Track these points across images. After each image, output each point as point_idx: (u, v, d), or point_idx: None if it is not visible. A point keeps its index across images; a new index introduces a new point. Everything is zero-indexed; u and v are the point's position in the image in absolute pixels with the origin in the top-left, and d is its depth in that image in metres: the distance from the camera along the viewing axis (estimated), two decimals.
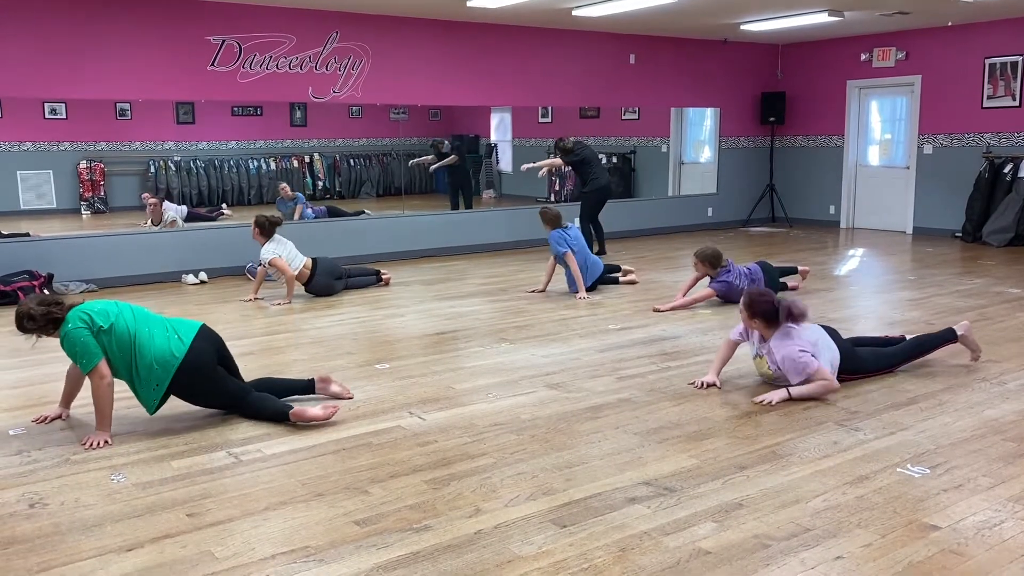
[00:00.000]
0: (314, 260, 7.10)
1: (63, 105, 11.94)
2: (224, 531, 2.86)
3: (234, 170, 13.26)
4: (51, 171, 11.66)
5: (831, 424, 3.85)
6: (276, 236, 6.95)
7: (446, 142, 11.22)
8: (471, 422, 3.94)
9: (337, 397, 4.25)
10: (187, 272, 8.10)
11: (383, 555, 2.67)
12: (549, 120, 12.96)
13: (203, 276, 8.08)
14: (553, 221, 7.04)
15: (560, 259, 7.00)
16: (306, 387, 4.25)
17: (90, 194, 12.11)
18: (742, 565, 2.58)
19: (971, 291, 7.07)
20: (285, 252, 6.89)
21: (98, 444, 3.67)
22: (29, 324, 3.72)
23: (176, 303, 7.00)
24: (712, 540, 2.75)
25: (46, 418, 4.03)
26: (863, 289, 7.47)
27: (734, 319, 6.09)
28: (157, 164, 12.64)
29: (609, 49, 10.73)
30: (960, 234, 10.42)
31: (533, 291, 7.18)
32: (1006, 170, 9.98)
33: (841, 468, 3.35)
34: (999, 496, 3.07)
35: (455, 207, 10.97)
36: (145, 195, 10.47)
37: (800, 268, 7.19)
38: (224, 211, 10.88)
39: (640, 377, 4.66)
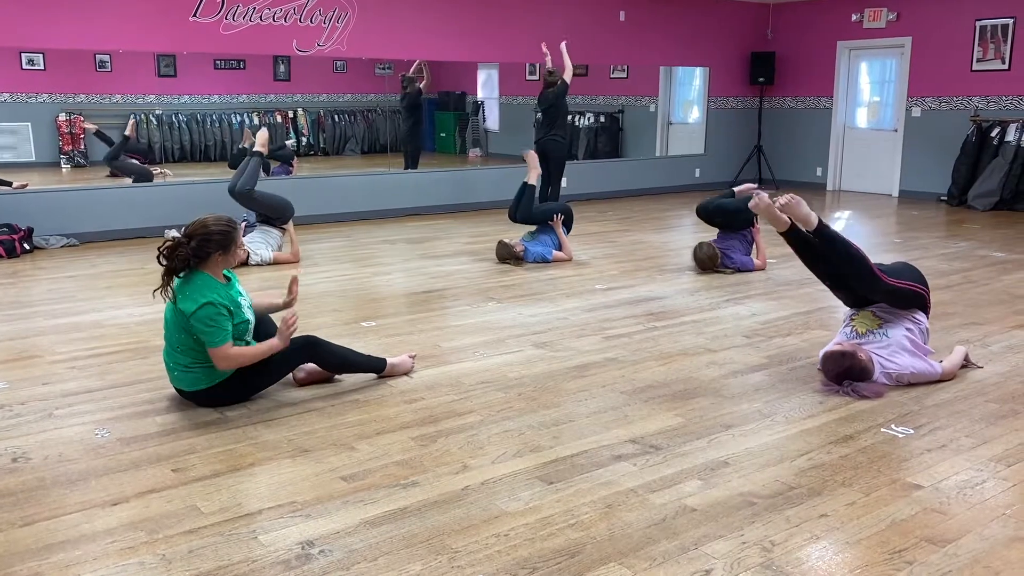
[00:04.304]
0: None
1: (41, 56, 11.67)
2: (210, 486, 2.85)
3: (217, 125, 13.06)
4: (29, 123, 11.44)
5: (816, 384, 3.87)
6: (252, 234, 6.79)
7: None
8: (458, 380, 3.94)
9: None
10: (170, 227, 7.99)
11: (370, 510, 2.67)
12: (536, 78, 12.81)
13: None
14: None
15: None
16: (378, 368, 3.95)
17: (70, 147, 11.90)
18: (727, 522, 2.60)
19: (956, 254, 7.11)
20: (271, 242, 6.81)
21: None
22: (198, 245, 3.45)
23: None
24: (698, 497, 2.77)
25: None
26: None
27: (719, 281, 6.11)
28: (138, 118, 12.42)
29: (599, 5, 10.59)
30: (946, 198, 10.45)
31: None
32: (993, 134, 9.98)
33: (826, 427, 3.37)
34: (981, 456, 3.10)
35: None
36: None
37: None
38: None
39: (627, 337, 4.66)
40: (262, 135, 6.83)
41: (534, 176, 6.81)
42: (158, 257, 3.50)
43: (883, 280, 3.80)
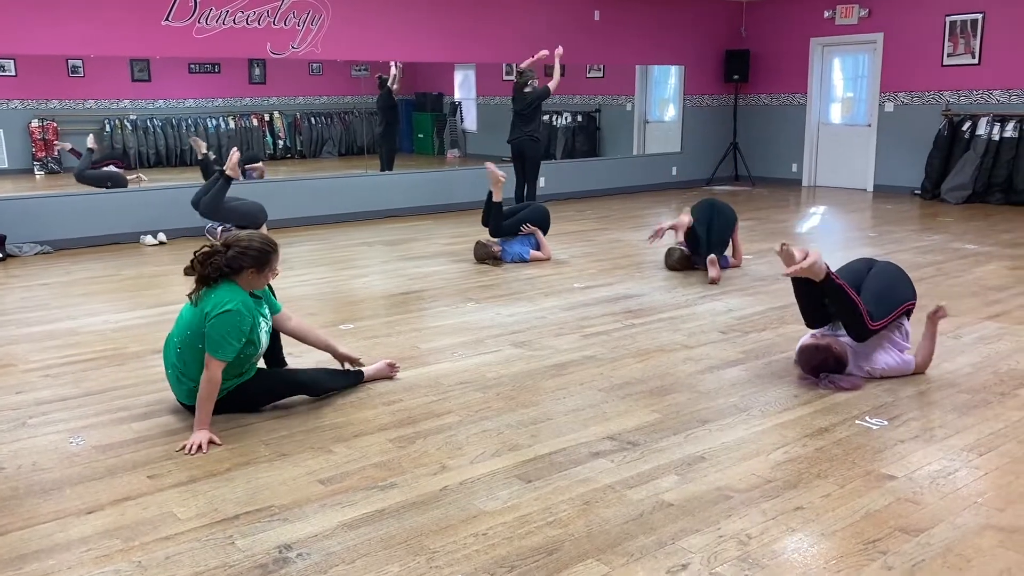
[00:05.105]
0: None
1: (12, 61, 11.54)
2: (187, 492, 2.84)
3: (192, 129, 12.95)
4: (1, 130, 11.31)
5: (791, 378, 3.90)
6: None
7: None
8: (436, 381, 3.94)
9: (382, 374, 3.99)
10: (145, 233, 7.95)
11: (348, 513, 2.67)
12: (514, 78, 12.83)
13: (162, 237, 7.93)
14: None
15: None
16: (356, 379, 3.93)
17: (43, 154, 11.78)
18: (704, 516, 2.62)
19: (929, 247, 7.18)
20: None
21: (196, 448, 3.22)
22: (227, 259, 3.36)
23: (135, 265, 6.88)
24: (675, 492, 2.78)
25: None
26: (824, 246, 7.54)
27: (695, 278, 6.14)
28: (112, 123, 12.30)
29: (574, 5, 10.61)
30: (919, 191, 10.56)
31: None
32: (964, 128, 10.10)
33: (801, 421, 3.40)
34: (954, 446, 3.14)
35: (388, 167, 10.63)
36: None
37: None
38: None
39: (604, 335, 4.68)
40: (233, 159, 6.75)
41: (498, 192, 6.76)
42: (192, 263, 3.44)
43: (870, 328, 3.76)
